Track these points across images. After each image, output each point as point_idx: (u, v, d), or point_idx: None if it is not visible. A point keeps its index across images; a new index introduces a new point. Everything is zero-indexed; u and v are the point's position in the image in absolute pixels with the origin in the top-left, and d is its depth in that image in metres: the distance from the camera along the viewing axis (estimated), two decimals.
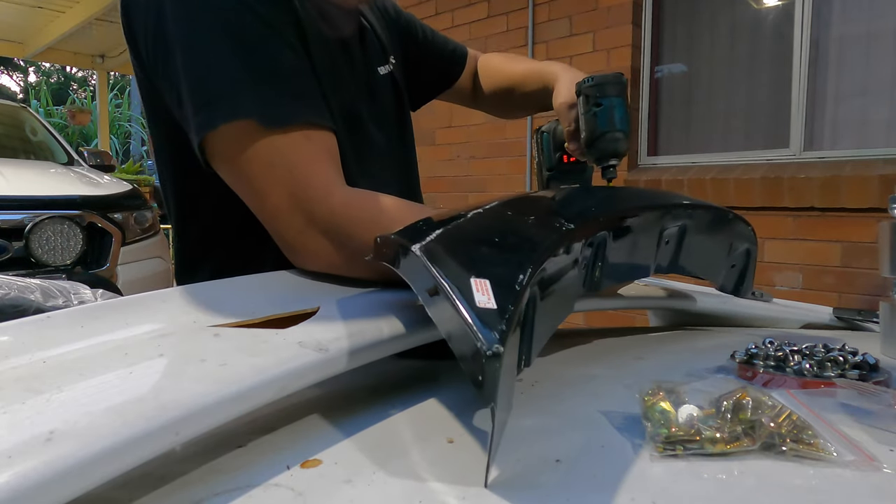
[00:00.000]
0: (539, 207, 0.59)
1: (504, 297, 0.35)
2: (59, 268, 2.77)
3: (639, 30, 3.21)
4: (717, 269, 0.69)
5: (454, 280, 0.37)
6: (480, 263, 0.40)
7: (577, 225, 0.49)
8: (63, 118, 12.35)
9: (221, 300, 0.51)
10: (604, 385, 0.50)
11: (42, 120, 4.26)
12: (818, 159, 2.71)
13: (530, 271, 0.38)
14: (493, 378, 0.30)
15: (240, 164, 0.62)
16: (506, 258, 0.42)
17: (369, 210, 0.62)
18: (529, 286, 0.37)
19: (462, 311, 0.34)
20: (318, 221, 0.60)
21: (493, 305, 0.34)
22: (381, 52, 0.88)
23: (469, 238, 0.47)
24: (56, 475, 0.26)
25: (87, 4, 5.89)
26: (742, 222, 0.69)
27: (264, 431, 0.40)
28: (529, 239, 0.46)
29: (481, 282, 0.36)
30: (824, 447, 0.35)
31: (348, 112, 0.74)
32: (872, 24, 2.67)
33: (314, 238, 0.60)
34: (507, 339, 0.31)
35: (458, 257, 0.42)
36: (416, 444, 0.38)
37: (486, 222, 0.50)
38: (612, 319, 2.66)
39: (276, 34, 0.63)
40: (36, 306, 0.65)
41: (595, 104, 0.75)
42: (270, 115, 0.60)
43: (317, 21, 0.71)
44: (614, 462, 0.35)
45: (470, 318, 0.33)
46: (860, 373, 0.48)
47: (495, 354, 0.30)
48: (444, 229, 0.46)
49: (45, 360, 0.38)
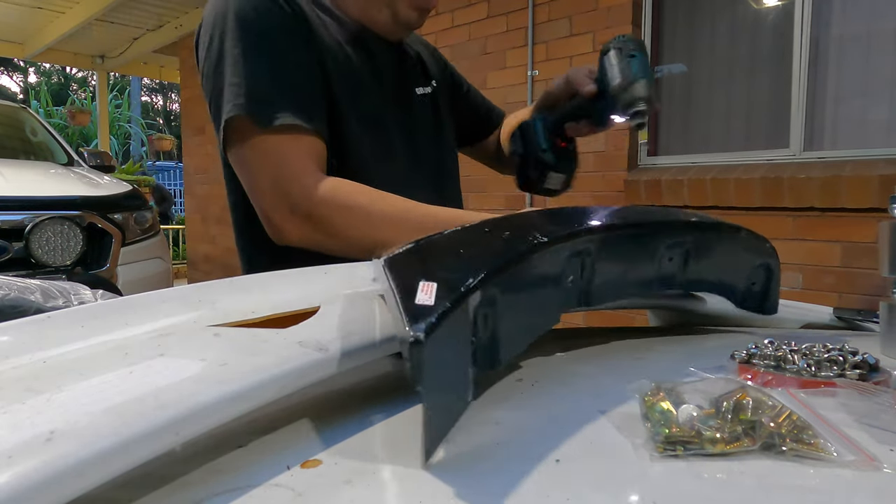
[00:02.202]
0: (523, 224, 0.58)
1: (444, 296, 0.37)
2: (59, 268, 2.78)
3: (639, 30, 3.21)
4: (733, 287, 0.68)
5: (404, 285, 0.39)
6: (435, 270, 0.42)
7: (553, 238, 0.49)
8: (63, 119, 12.36)
9: (221, 300, 0.51)
10: (604, 385, 0.50)
11: (42, 120, 4.27)
12: (818, 159, 2.71)
13: (483, 276, 0.40)
14: (418, 362, 0.33)
15: (239, 152, 0.78)
16: (463, 266, 0.44)
17: (342, 197, 0.75)
18: (480, 289, 0.39)
19: (400, 308, 0.36)
20: (295, 205, 0.74)
21: (429, 303, 0.36)
22: (423, 76, 1.02)
23: (436, 252, 0.49)
24: (56, 475, 0.26)
25: (87, 5, 5.90)
26: (756, 237, 0.68)
27: (264, 431, 0.40)
28: (495, 250, 0.48)
29: (428, 284, 0.38)
30: (824, 447, 0.35)
31: (370, 117, 0.87)
32: (872, 24, 2.67)
33: (292, 219, 0.75)
34: (434, 329, 0.33)
35: (417, 267, 0.44)
36: (416, 444, 0.38)
37: (459, 238, 0.51)
38: (612, 319, 2.66)
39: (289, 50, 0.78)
40: (36, 307, 0.65)
41: (629, 55, 0.82)
42: (266, 115, 0.74)
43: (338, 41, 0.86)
44: (614, 462, 0.35)
45: (405, 313, 0.35)
46: (860, 373, 0.48)
47: (417, 341, 0.33)
48: (418, 245, 0.49)
49: (45, 360, 0.38)
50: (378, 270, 0.46)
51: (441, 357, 0.35)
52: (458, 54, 3.84)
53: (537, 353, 0.57)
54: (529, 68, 3.53)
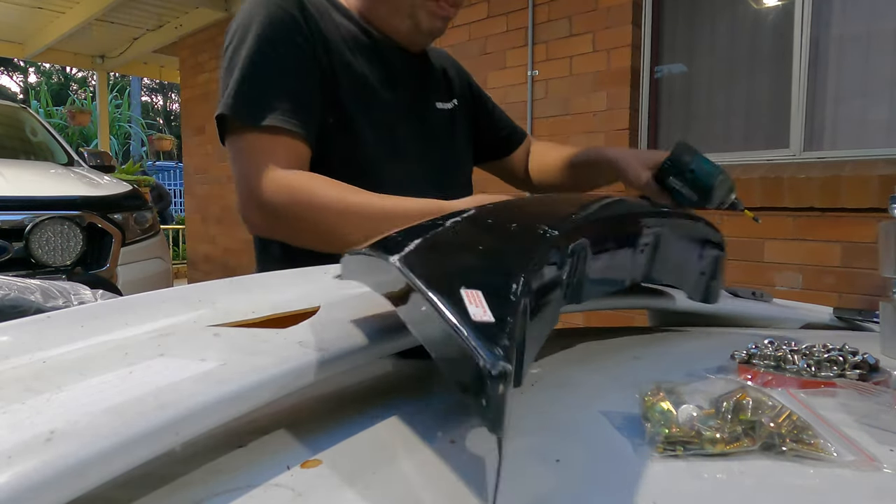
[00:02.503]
0: (517, 214, 0.56)
1: (500, 307, 0.31)
2: (59, 268, 2.77)
3: (639, 30, 3.21)
4: (688, 276, 0.68)
5: (442, 292, 0.32)
6: (468, 273, 0.37)
7: (560, 231, 0.46)
8: (63, 119, 12.36)
9: (221, 300, 0.51)
10: (604, 385, 0.50)
11: (42, 120, 4.27)
12: (818, 159, 2.71)
13: (523, 279, 0.35)
14: (500, 402, 0.26)
15: (228, 148, 0.85)
16: (493, 267, 0.39)
17: (305, 190, 0.79)
18: (524, 296, 0.35)
19: (457, 326, 0.30)
20: (260, 198, 0.80)
21: (489, 318, 0.30)
22: (446, 92, 1.06)
23: (450, 247, 0.44)
24: (56, 475, 0.26)
25: (87, 5, 5.89)
26: (712, 228, 0.69)
27: (264, 431, 0.40)
28: (515, 246, 0.44)
29: (472, 292, 0.32)
30: (824, 447, 0.35)
31: (382, 122, 0.91)
32: (872, 24, 2.67)
33: (258, 212, 0.81)
34: (512, 355, 0.28)
35: (441, 267, 0.38)
36: (417, 444, 0.38)
37: (465, 230, 0.47)
38: (611, 319, 2.66)
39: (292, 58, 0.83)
40: (36, 307, 0.65)
41: (689, 171, 0.89)
42: (250, 115, 0.81)
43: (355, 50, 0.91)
44: (614, 462, 0.35)
45: (467, 333, 0.29)
46: (860, 373, 0.48)
47: (502, 374, 0.26)
48: (422, 239, 0.42)
49: (45, 360, 0.38)
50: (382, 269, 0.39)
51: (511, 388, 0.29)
52: (458, 54, 3.81)
53: (537, 353, 0.57)
54: (529, 68, 3.53)
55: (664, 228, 0.63)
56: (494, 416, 0.26)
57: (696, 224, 0.68)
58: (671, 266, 0.66)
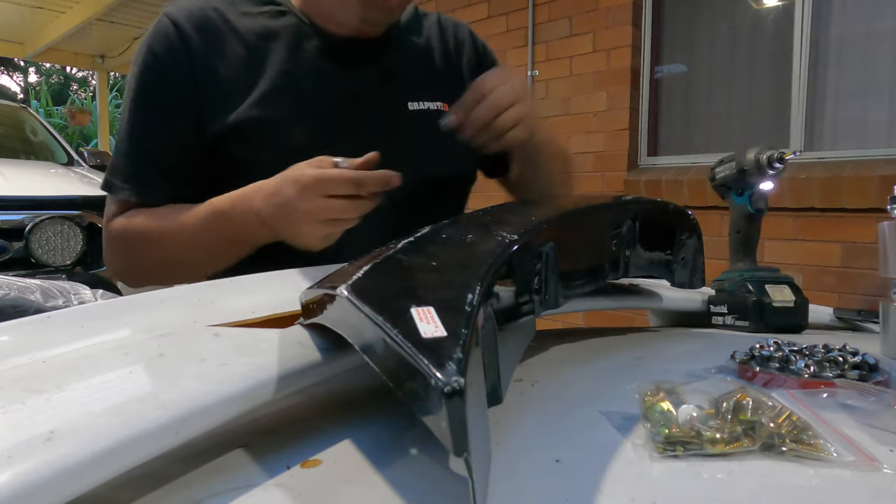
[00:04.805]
0: (474, 226, 0.54)
1: (454, 321, 0.30)
2: (59, 268, 2.77)
3: (639, 30, 3.21)
4: (669, 264, 0.68)
5: (390, 313, 0.31)
6: (420, 291, 0.36)
7: (520, 236, 0.44)
8: (63, 118, 12.35)
9: (221, 300, 0.51)
10: (604, 385, 0.50)
11: (42, 120, 4.27)
12: (818, 159, 2.71)
13: (479, 288, 0.34)
14: (460, 419, 0.24)
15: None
16: (448, 280, 0.38)
17: (123, 227, 0.84)
18: (482, 305, 0.33)
19: (405, 345, 0.28)
20: (105, 246, 0.88)
21: (441, 333, 0.29)
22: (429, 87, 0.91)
23: (402, 268, 0.43)
24: (56, 475, 0.26)
25: (87, 4, 5.89)
26: (684, 213, 0.69)
27: (264, 431, 0.40)
28: (471, 256, 0.42)
29: (424, 310, 0.31)
30: (824, 447, 0.35)
31: (318, 131, 0.84)
32: (872, 24, 2.67)
33: (109, 265, 0.90)
34: (466, 368, 0.26)
35: (392, 289, 0.37)
36: (417, 444, 0.38)
37: (418, 249, 0.46)
38: (612, 319, 2.66)
39: (157, 115, 0.84)
40: (36, 306, 0.65)
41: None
42: (112, 188, 0.86)
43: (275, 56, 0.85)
44: (614, 462, 0.35)
45: (417, 351, 0.27)
46: (860, 373, 0.47)
47: (456, 390, 0.24)
48: (372, 266, 0.41)
49: (45, 360, 0.38)
50: (337, 308, 0.37)
51: (475, 403, 0.28)
52: None
53: (537, 353, 0.57)
54: (529, 68, 3.53)
55: (633, 219, 0.63)
56: (455, 435, 0.24)
57: (666, 210, 0.67)
58: (649, 257, 0.66)
